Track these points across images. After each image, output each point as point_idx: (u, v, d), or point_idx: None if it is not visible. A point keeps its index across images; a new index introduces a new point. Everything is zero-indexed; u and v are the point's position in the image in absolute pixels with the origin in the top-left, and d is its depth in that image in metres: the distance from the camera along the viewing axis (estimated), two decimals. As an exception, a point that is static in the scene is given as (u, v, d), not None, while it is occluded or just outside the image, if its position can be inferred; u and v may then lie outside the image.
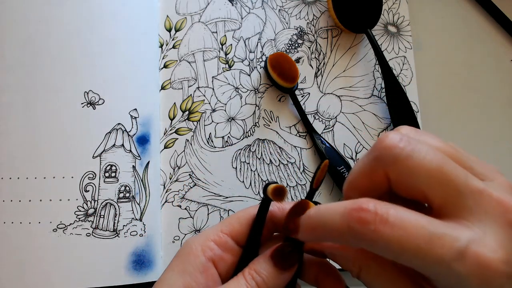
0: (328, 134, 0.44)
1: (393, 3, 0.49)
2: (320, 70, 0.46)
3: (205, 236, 0.27)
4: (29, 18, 0.42)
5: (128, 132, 0.41)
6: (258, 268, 0.25)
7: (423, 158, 0.19)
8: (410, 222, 0.18)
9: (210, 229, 0.28)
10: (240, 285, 0.25)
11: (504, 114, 0.48)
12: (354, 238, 0.19)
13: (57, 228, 0.39)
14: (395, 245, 0.18)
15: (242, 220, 0.28)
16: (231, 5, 0.46)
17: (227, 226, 0.28)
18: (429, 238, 0.18)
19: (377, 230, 0.18)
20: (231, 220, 0.28)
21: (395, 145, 0.20)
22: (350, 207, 0.19)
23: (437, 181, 0.19)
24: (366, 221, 0.19)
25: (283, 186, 0.25)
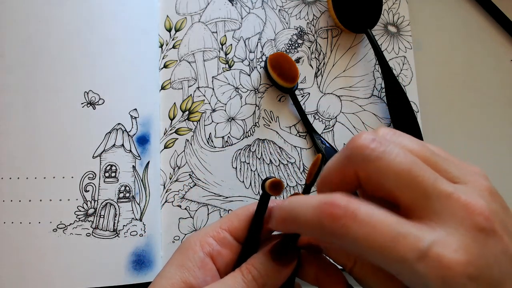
0: (328, 134, 0.44)
1: (393, 3, 0.49)
2: (320, 70, 0.46)
3: (204, 232, 0.28)
4: (29, 18, 0.42)
5: (128, 132, 0.41)
6: (256, 262, 0.26)
7: (392, 160, 0.20)
8: (378, 220, 0.19)
9: (209, 226, 0.28)
10: (236, 279, 0.25)
11: (504, 114, 0.48)
12: (324, 232, 0.20)
13: (57, 228, 0.39)
14: (362, 242, 0.19)
15: (241, 216, 0.28)
16: (231, 5, 0.46)
17: (226, 222, 0.28)
18: (394, 236, 0.18)
19: (346, 226, 0.19)
20: (230, 217, 0.29)
21: (366, 146, 0.20)
22: (323, 201, 0.20)
23: (405, 183, 0.20)
24: (336, 216, 0.19)
25: (279, 180, 0.26)
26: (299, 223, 0.21)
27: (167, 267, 0.27)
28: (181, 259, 0.27)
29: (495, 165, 0.47)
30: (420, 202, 0.20)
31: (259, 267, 0.25)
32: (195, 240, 0.27)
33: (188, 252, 0.27)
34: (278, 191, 0.26)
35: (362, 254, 0.19)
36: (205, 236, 0.27)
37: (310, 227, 0.20)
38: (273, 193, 0.26)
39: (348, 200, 0.19)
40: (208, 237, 0.27)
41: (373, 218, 0.19)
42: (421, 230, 0.19)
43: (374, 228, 0.19)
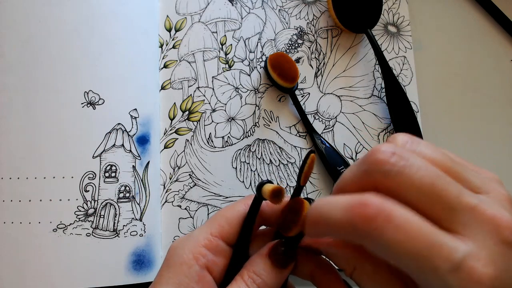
0: (328, 134, 0.44)
1: (393, 3, 0.49)
2: (320, 70, 0.46)
3: (195, 241, 0.26)
4: (29, 18, 0.42)
5: (128, 132, 0.41)
6: (257, 269, 0.25)
7: (414, 174, 0.19)
8: (413, 225, 0.18)
9: (198, 232, 0.27)
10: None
11: (504, 114, 0.48)
12: (356, 234, 0.19)
13: (57, 228, 0.39)
14: (396, 247, 0.18)
15: (231, 220, 0.27)
16: (231, 5, 0.46)
17: (217, 228, 0.27)
18: (430, 245, 0.18)
19: (380, 228, 0.18)
20: (220, 221, 0.27)
21: (385, 161, 0.19)
22: (355, 201, 0.19)
23: (428, 198, 0.19)
24: (369, 217, 0.18)
25: (281, 188, 0.24)
26: (331, 226, 0.20)
27: (162, 286, 0.25)
28: (176, 276, 0.25)
29: (495, 165, 0.47)
30: (446, 215, 0.19)
31: (261, 274, 0.25)
32: (187, 253, 0.25)
33: (183, 267, 0.25)
34: (279, 200, 0.24)
35: (393, 260, 0.19)
36: (197, 246, 0.26)
37: (341, 229, 0.19)
38: (273, 201, 0.24)
39: (382, 200, 0.18)
40: (201, 247, 0.26)
41: (409, 224, 0.18)
42: (454, 241, 0.18)
43: (409, 234, 0.18)
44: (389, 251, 0.18)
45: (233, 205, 0.28)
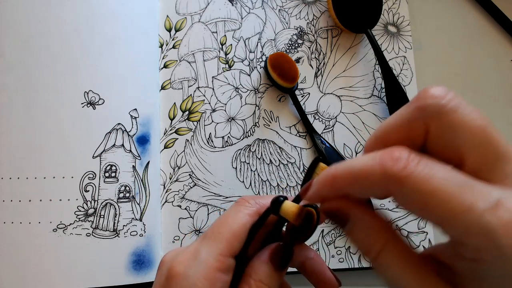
0: (328, 134, 0.44)
1: (393, 3, 0.49)
2: (320, 70, 0.46)
3: (206, 266, 0.24)
4: (29, 18, 0.42)
5: (128, 132, 0.41)
6: (263, 277, 0.25)
7: (468, 115, 0.18)
8: (443, 168, 0.17)
9: (206, 254, 0.24)
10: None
11: (504, 114, 0.48)
12: (384, 177, 0.18)
13: (57, 228, 0.39)
14: (426, 187, 0.17)
15: (239, 235, 0.25)
16: (231, 5, 0.46)
17: (225, 246, 0.25)
18: (462, 185, 0.17)
19: (408, 168, 0.17)
20: (228, 237, 0.25)
21: (442, 96, 0.19)
22: (383, 151, 0.18)
23: (479, 141, 0.18)
24: (398, 159, 0.18)
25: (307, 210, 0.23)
26: (355, 175, 0.19)
27: None
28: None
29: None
30: (491, 163, 0.18)
31: (267, 281, 0.25)
32: (202, 281, 0.23)
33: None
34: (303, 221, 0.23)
35: (422, 205, 0.17)
36: (211, 271, 0.24)
37: (370, 176, 0.18)
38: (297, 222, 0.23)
39: (410, 150, 0.18)
40: (215, 272, 0.24)
41: (437, 166, 0.17)
42: (489, 187, 0.17)
43: (438, 174, 0.17)
44: (419, 193, 0.17)
45: (236, 217, 0.26)
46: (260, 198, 0.27)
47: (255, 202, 0.27)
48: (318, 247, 0.41)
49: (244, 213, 0.26)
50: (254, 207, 0.26)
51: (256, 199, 0.27)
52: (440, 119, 0.19)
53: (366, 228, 0.21)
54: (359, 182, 0.19)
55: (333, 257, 0.41)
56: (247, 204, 0.27)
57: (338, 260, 0.41)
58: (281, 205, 0.24)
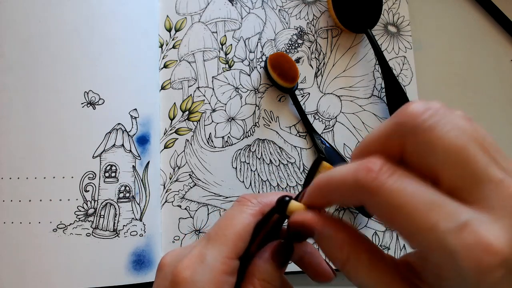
0: (328, 134, 0.44)
1: (393, 3, 0.49)
2: (320, 70, 0.46)
3: (213, 270, 0.24)
4: (29, 18, 0.42)
5: (128, 132, 0.41)
6: (267, 276, 0.25)
7: (446, 133, 0.18)
8: (414, 183, 0.18)
9: (212, 257, 0.24)
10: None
11: (504, 114, 0.48)
12: (357, 187, 0.19)
13: (57, 228, 0.39)
14: (394, 200, 0.17)
15: (243, 236, 0.25)
16: (231, 5, 0.46)
17: (231, 248, 0.24)
18: (430, 203, 0.17)
19: (380, 180, 0.18)
20: (233, 239, 0.25)
21: (419, 114, 0.19)
22: (360, 162, 0.19)
23: (455, 161, 0.18)
24: (371, 169, 0.18)
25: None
26: (334, 184, 0.20)
27: None
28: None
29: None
30: (467, 184, 0.18)
31: (271, 279, 0.25)
32: (209, 285, 0.23)
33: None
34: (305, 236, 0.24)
35: (390, 216, 0.18)
36: (218, 275, 0.23)
37: (345, 185, 0.19)
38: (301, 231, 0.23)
39: (386, 161, 0.18)
40: (222, 275, 0.23)
41: (409, 181, 0.18)
42: (460, 207, 0.17)
43: (408, 189, 0.17)
44: (388, 206, 0.18)
45: (240, 218, 0.26)
46: (261, 197, 0.27)
47: (257, 202, 0.27)
48: (318, 247, 0.41)
49: (247, 213, 0.26)
50: (257, 206, 0.26)
51: (257, 198, 0.27)
52: (415, 136, 0.19)
53: (329, 242, 0.22)
54: (337, 191, 0.20)
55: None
56: (249, 204, 0.26)
57: (338, 260, 0.41)
58: (288, 205, 0.24)
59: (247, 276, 0.25)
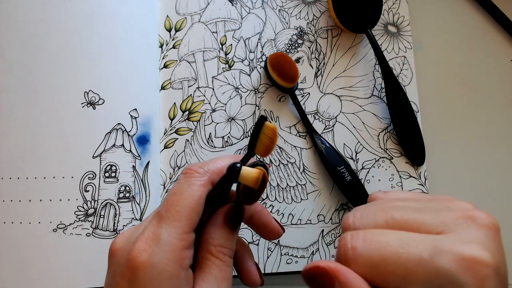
0: (328, 134, 0.44)
1: (393, 3, 0.49)
2: (320, 70, 0.46)
3: (172, 248, 0.23)
4: (29, 18, 0.42)
5: (128, 132, 0.41)
6: (222, 242, 0.25)
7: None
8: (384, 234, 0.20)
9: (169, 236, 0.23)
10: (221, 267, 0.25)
11: (504, 114, 0.48)
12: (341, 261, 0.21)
13: (57, 228, 0.39)
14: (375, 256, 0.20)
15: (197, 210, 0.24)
16: (231, 5, 0.46)
17: (186, 223, 0.24)
18: (403, 241, 0.19)
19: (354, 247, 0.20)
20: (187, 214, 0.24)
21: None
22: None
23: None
24: (344, 243, 0.21)
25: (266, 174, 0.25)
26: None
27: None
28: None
29: (494, 165, 0.47)
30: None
31: (227, 244, 0.25)
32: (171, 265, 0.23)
33: (173, 281, 0.22)
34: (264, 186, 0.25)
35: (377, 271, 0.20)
36: (178, 252, 0.23)
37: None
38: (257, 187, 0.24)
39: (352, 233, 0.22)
40: (181, 251, 0.23)
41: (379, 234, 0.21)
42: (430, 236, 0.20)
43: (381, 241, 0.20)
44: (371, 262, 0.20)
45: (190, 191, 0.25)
46: (207, 165, 0.26)
47: (204, 171, 0.26)
48: (318, 247, 0.41)
49: (197, 185, 0.25)
50: (205, 176, 0.26)
51: (204, 167, 0.26)
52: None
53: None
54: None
55: (333, 257, 0.41)
56: (197, 175, 0.26)
57: (338, 260, 0.41)
58: (240, 172, 0.24)
59: (202, 245, 0.26)
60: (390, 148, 0.44)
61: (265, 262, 0.41)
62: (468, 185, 0.46)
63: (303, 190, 0.43)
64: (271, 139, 0.25)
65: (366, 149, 0.44)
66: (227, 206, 0.27)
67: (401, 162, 0.44)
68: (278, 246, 0.41)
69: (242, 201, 0.26)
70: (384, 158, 0.44)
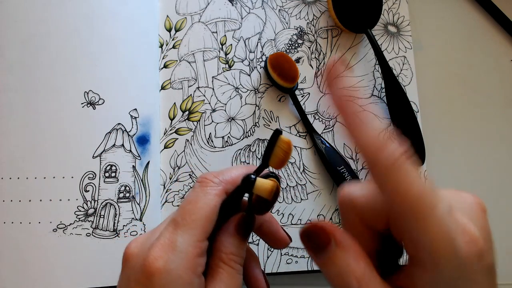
0: (328, 134, 0.44)
1: (393, 3, 0.49)
2: (320, 70, 0.46)
3: (187, 255, 0.24)
4: (29, 18, 0.42)
5: (128, 132, 0.41)
6: (234, 250, 0.26)
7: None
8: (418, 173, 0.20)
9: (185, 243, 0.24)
10: (232, 275, 0.25)
11: (504, 114, 0.48)
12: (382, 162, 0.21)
13: (57, 228, 0.39)
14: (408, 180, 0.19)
15: (211, 219, 0.25)
16: (231, 5, 0.46)
17: (201, 231, 0.24)
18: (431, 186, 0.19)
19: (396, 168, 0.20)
20: (202, 223, 0.25)
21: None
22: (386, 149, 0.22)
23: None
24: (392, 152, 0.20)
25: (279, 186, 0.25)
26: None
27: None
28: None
29: (494, 165, 0.47)
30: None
31: (237, 252, 0.26)
32: (186, 272, 0.23)
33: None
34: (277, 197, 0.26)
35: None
36: (191, 260, 0.24)
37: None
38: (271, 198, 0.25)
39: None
40: (195, 259, 0.24)
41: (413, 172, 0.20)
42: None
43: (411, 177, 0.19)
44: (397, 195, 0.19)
45: (206, 200, 0.25)
46: (222, 175, 0.27)
47: (219, 181, 0.26)
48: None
49: (212, 195, 0.26)
50: (220, 186, 0.26)
51: (219, 177, 0.27)
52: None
53: (346, 253, 0.21)
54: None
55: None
56: (212, 184, 0.26)
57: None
58: (255, 184, 0.25)
59: (214, 252, 0.26)
60: (390, 148, 0.44)
61: (265, 262, 0.41)
62: (468, 185, 0.46)
63: (303, 190, 0.43)
64: (285, 153, 0.25)
65: (366, 149, 0.44)
66: (239, 215, 0.27)
67: (401, 162, 0.44)
68: (278, 246, 0.41)
69: (254, 211, 0.27)
70: (384, 158, 0.44)
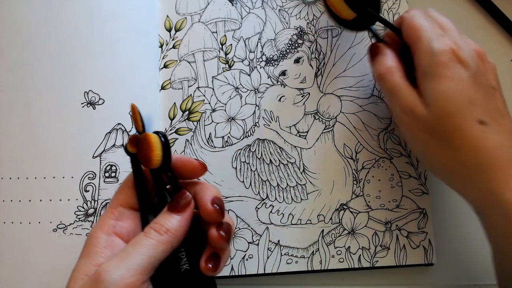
0: (328, 134, 0.44)
1: (393, 3, 0.49)
2: (320, 70, 0.46)
3: (101, 220, 0.30)
4: (29, 18, 0.42)
5: (128, 132, 0.41)
6: (159, 219, 0.29)
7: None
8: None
9: (105, 212, 0.31)
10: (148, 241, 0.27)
11: (504, 114, 0.48)
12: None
13: (57, 228, 0.39)
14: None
15: (124, 188, 0.32)
16: (231, 5, 0.46)
17: (114, 201, 0.31)
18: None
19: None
20: (117, 195, 0.31)
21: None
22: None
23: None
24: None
25: (133, 136, 0.31)
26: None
27: (77, 262, 0.28)
28: (87, 250, 0.29)
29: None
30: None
31: (162, 222, 0.29)
32: (95, 230, 0.30)
33: (92, 240, 0.29)
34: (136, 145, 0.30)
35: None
36: (103, 222, 0.30)
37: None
38: (133, 150, 0.30)
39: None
40: (107, 220, 0.30)
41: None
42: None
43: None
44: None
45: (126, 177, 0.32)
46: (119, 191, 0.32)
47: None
48: (318, 247, 0.41)
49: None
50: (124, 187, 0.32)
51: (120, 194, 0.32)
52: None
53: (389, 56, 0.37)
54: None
55: (333, 257, 0.41)
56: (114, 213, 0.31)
57: (338, 260, 0.41)
58: (126, 146, 0.31)
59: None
60: (390, 148, 0.44)
61: (265, 262, 0.41)
62: (468, 185, 0.46)
63: (303, 190, 0.43)
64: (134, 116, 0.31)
65: (366, 149, 0.44)
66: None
67: (401, 162, 0.44)
68: (278, 246, 0.41)
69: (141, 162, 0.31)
70: (384, 158, 0.44)
